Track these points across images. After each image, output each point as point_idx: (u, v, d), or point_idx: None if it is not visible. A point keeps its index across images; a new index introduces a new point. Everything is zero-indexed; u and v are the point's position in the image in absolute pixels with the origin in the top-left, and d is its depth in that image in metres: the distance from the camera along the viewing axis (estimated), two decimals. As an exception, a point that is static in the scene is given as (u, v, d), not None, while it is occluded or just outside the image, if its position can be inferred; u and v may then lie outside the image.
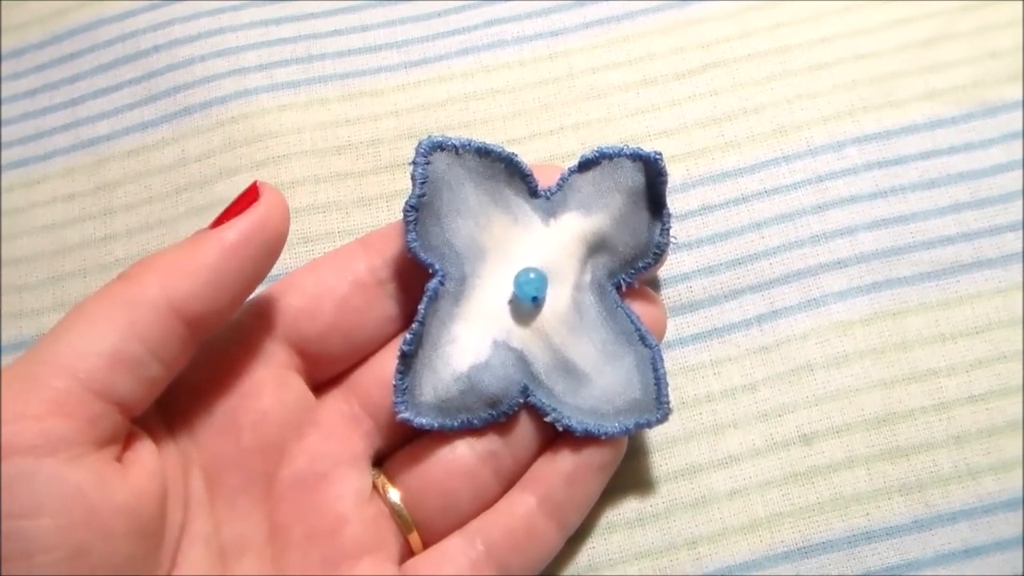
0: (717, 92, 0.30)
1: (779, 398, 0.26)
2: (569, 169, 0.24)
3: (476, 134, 0.30)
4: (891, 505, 0.25)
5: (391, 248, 0.24)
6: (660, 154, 0.23)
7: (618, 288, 0.24)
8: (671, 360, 0.26)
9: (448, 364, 0.22)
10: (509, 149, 0.24)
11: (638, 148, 0.24)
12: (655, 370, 0.23)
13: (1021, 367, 0.26)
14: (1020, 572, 0.24)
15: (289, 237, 0.27)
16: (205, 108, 0.30)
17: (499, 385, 0.22)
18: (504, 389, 0.22)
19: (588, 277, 0.24)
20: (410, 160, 0.23)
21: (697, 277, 0.27)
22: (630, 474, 0.25)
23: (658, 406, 0.23)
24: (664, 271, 0.27)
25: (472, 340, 0.23)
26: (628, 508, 0.25)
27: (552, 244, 0.24)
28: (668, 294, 0.27)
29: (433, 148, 0.23)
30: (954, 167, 0.28)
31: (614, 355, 0.23)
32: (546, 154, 0.29)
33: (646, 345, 0.23)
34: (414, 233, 0.23)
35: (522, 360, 0.23)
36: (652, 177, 0.24)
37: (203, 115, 0.30)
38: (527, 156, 0.29)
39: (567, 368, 0.23)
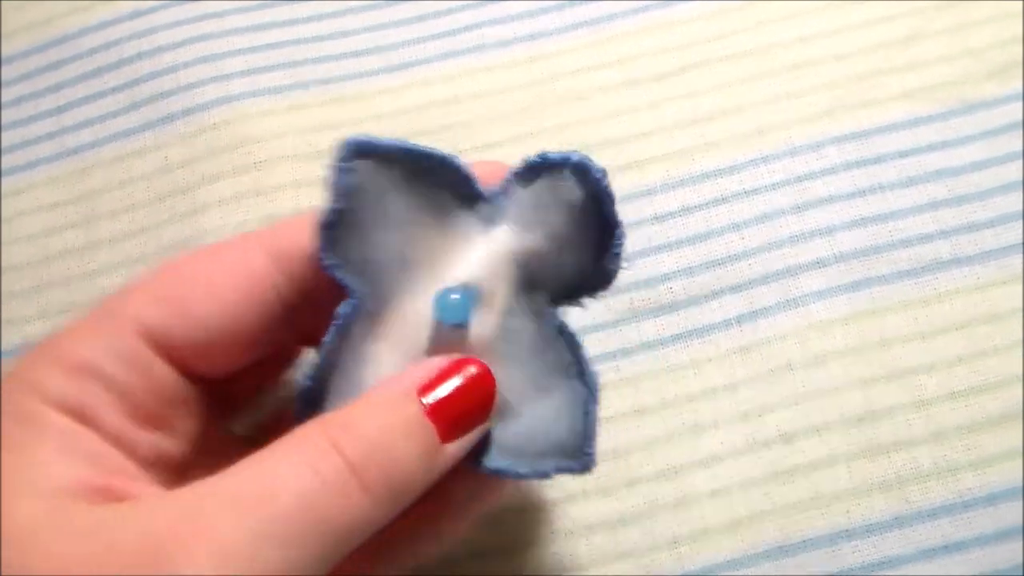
0: (697, 93, 0.30)
1: (759, 398, 0.26)
2: (513, 173, 0.21)
3: (458, 137, 0.30)
4: (871, 502, 0.25)
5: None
6: (603, 171, 0.20)
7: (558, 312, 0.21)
8: (652, 360, 0.26)
9: (361, 390, 0.20)
10: (449, 151, 0.21)
11: (584, 158, 0.20)
12: (585, 414, 0.20)
13: (999, 363, 0.26)
14: (999, 567, 0.24)
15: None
16: (188, 115, 0.30)
17: None
18: None
19: (524, 300, 0.21)
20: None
21: (677, 278, 0.27)
22: (611, 475, 0.25)
23: (581, 455, 0.20)
24: (644, 272, 0.27)
25: (390, 363, 0.20)
26: (610, 509, 0.25)
27: (485, 262, 0.21)
28: (648, 295, 0.27)
29: (355, 153, 0.20)
30: (932, 165, 0.28)
31: (545, 388, 0.21)
32: (527, 157, 0.29)
33: (583, 383, 0.20)
34: (329, 251, 0.20)
35: None
36: (596, 194, 0.20)
37: (185, 122, 0.30)
38: (508, 159, 0.29)
39: None
